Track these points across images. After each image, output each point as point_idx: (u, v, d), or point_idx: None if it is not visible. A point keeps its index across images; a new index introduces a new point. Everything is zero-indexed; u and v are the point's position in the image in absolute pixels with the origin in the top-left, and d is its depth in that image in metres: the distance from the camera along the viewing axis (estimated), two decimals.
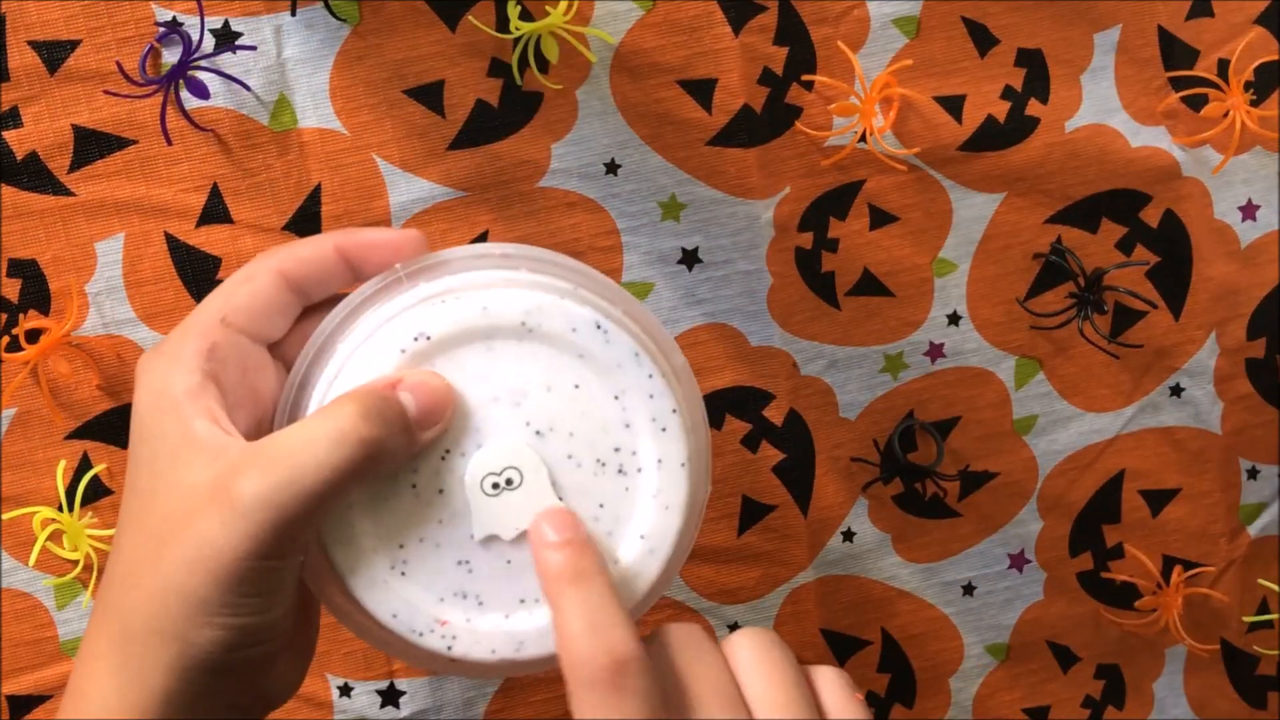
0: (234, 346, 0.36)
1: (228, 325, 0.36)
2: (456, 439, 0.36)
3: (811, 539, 0.53)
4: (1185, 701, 0.56)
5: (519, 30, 0.47)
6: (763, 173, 0.50)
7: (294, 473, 0.31)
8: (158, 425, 0.34)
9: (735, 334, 0.51)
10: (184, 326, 0.36)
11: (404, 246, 0.37)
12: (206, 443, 0.33)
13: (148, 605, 0.32)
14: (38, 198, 0.48)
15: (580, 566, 0.32)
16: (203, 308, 0.36)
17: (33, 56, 0.47)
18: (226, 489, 0.32)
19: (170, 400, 0.34)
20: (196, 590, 0.31)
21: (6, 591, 0.50)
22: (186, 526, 0.32)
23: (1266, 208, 0.53)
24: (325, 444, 0.32)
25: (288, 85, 0.48)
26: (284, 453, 0.32)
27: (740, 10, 0.49)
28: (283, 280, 0.37)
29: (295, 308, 0.38)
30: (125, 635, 0.33)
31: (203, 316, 0.36)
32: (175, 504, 0.33)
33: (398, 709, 0.52)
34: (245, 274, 0.37)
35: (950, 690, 0.55)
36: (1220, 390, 0.54)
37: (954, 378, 0.53)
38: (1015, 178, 0.51)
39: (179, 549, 0.32)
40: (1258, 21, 0.51)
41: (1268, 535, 0.55)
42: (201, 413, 0.34)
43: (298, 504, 0.31)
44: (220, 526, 0.31)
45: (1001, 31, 0.50)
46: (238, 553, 0.31)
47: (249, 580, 0.32)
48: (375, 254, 0.37)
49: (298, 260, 0.37)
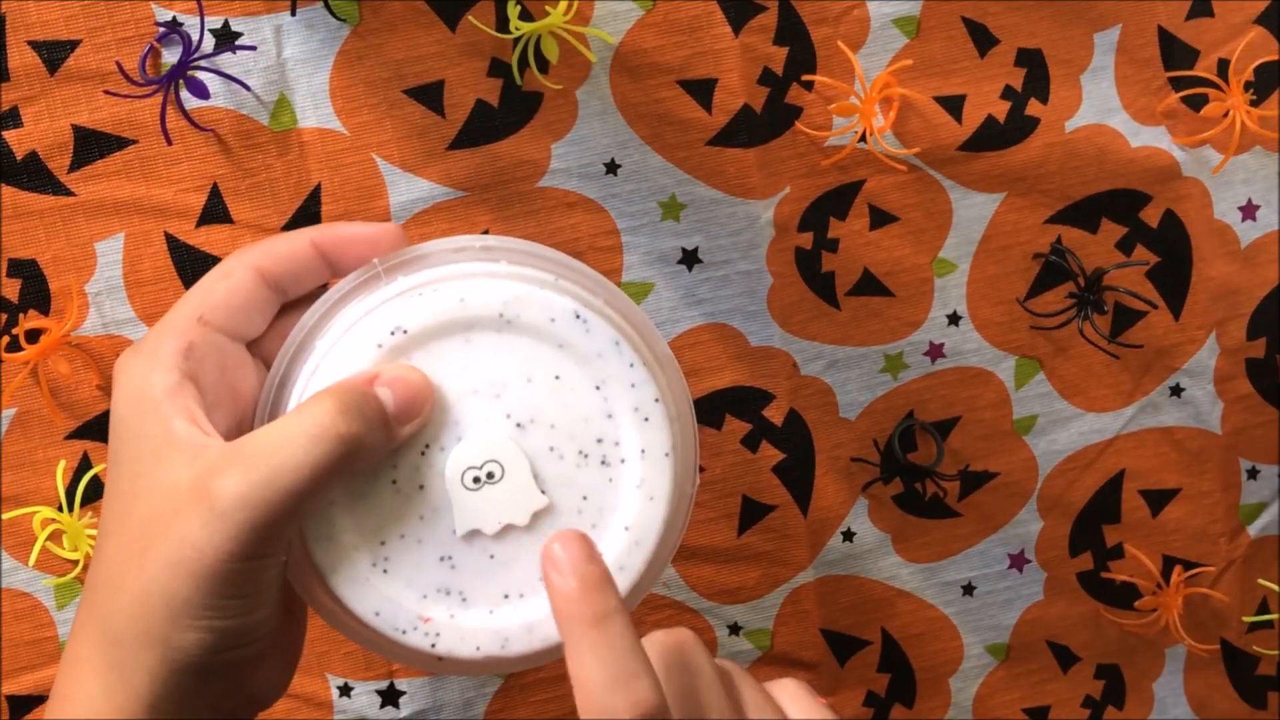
0: (212, 345, 0.35)
1: (205, 324, 0.35)
2: (436, 433, 0.35)
3: (811, 539, 0.53)
4: (1185, 701, 0.56)
5: (519, 30, 0.47)
6: (763, 173, 0.50)
7: (273, 472, 0.31)
8: (137, 425, 0.34)
9: (735, 334, 0.51)
10: (161, 325, 0.36)
11: (381, 240, 0.37)
12: (185, 442, 0.33)
13: (131, 608, 0.32)
14: (38, 198, 0.48)
15: (601, 608, 0.30)
16: (180, 306, 0.36)
17: (33, 56, 0.47)
18: (206, 489, 0.31)
19: (149, 400, 0.34)
20: (179, 592, 0.31)
21: (6, 591, 0.50)
22: (168, 528, 0.32)
23: (1266, 208, 0.53)
24: (304, 441, 0.32)
25: (288, 85, 0.48)
26: (263, 452, 0.32)
27: (740, 10, 0.49)
28: (259, 277, 0.36)
29: (273, 304, 0.37)
30: (109, 639, 0.32)
31: (180, 315, 0.36)
32: (156, 505, 0.32)
33: (397, 709, 0.52)
34: (222, 271, 0.36)
35: (950, 690, 0.55)
36: (1220, 390, 0.54)
37: (954, 378, 0.53)
38: (1015, 178, 0.51)
39: (161, 550, 0.32)
40: (1258, 21, 0.51)
41: (1268, 535, 0.55)
42: (180, 412, 0.34)
43: (278, 503, 0.31)
44: (201, 527, 0.31)
45: (1001, 31, 0.50)
46: (219, 554, 0.31)
47: (231, 581, 0.31)
48: (352, 248, 0.37)
49: (274, 256, 0.37)
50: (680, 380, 0.38)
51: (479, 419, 0.36)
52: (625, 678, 0.29)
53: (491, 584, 0.36)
